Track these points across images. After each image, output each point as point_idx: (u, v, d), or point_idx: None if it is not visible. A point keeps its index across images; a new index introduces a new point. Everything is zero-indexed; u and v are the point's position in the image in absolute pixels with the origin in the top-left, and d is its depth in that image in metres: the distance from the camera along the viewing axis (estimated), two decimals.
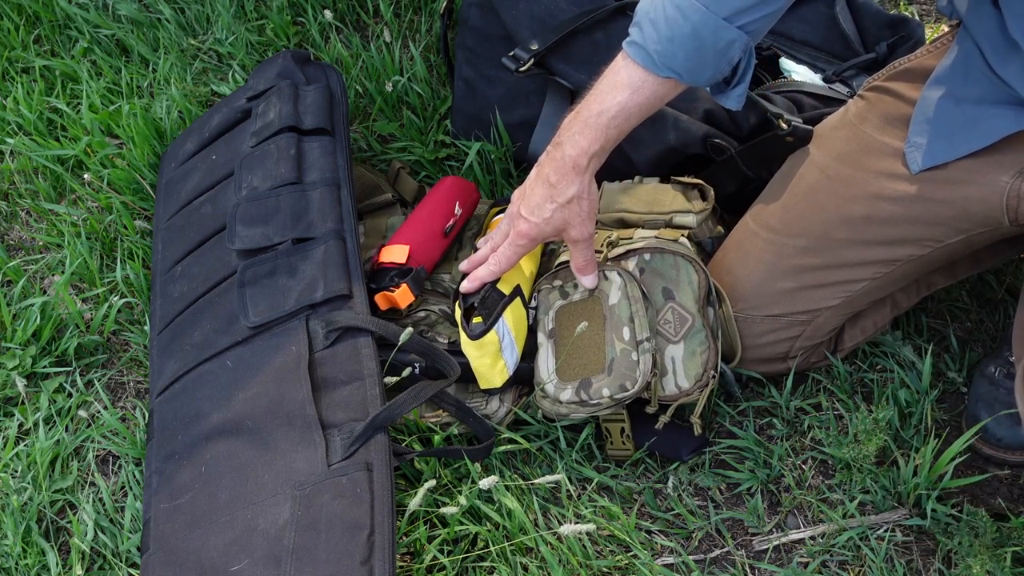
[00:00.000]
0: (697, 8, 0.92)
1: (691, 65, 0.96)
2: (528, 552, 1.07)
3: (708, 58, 0.95)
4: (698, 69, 0.96)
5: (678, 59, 0.95)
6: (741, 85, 1.01)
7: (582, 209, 1.04)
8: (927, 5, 1.69)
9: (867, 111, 1.09)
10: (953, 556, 1.05)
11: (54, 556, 1.10)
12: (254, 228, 1.16)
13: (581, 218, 1.04)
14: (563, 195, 1.02)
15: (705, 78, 0.99)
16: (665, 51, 0.95)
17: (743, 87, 1.01)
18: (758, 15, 0.93)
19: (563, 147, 1.02)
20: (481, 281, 1.09)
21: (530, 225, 1.05)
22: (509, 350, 1.09)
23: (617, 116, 0.99)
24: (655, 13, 0.95)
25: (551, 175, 1.03)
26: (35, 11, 1.66)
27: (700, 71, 0.97)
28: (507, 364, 1.09)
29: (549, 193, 1.03)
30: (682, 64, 0.95)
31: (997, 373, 1.13)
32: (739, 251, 1.14)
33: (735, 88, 1.01)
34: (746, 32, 0.94)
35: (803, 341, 1.13)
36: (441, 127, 1.46)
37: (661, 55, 0.95)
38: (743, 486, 1.12)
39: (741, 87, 1.01)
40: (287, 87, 1.28)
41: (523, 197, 1.06)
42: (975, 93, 0.97)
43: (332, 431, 1.00)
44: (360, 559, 0.90)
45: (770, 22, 0.96)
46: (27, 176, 1.48)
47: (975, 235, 1.02)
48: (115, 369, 1.29)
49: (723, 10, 0.92)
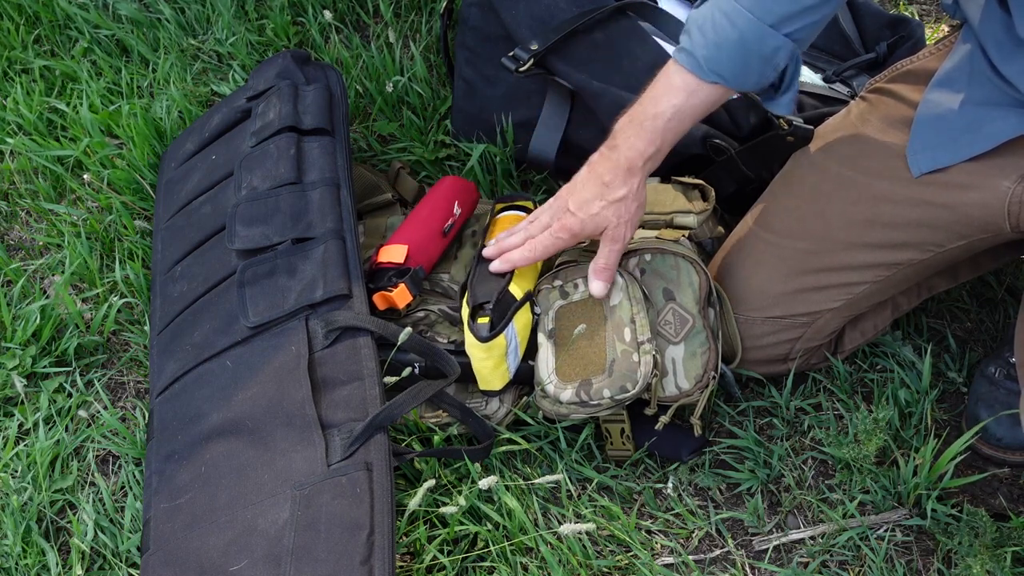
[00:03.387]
0: (744, 15, 0.94)
1: (737, 71, 0.97)
2: (528, 552, 1.07)
3: (753, 64, 0.97)
4: (744, 74, 0.98)
5: (724, 65, 0.97)
6: (790, 91, 1.02)
7: (628, 210, 1.04)
8: (927, 5, 1.69)
9: (869, 113, 1.08)
10: (953, 556, 1.05)
11: (54, 556, 1.10)
12: (254, 228, 1.16)
13: (625, 219, 1.05)
14: (614, 194, 1.03)
15: (751, 83, 1.00)
16: (712, 56, 0.97)
17: (792, 93, 1.02)
18: (804, 23, 0.95)
19: (619, 149, 1.03)
20: (512, 264, 1.10)
21: (576, 220, 1.05)
22: (513, 355, 1.09)
23: (672, 119, 1.00)
24: (703, 20, 0.97)
25: (605, 174, 1.03)
26: (35, 11, 1.66)
27: (746, 76, 0.98)
28: (509, 368, 1.09)
29: (600, 191, 1.04)
30: (728, 69, 0.97)
31: (997, 373, 1.13)
32: (740, 252, 1.14)
33: (784, 95, 1.03)
34: (792, 39, 0.96)
35: (803, 343, 1.13)
36: (441, 127, 1.46)
37: (708, 60, 0.97)
38: (743, 486, 1.12)
39: (790, 93, 1.02)
40: (287, 87, 1.28)
41: (572, 192, 1.06)
42: (978, 95, 0.97)
43: (332, 431, 1.00)
44: (360, 559, 0.90)
45: (816, 30, 0.97)
46: (27, 176, 1.48)
47: (976, 240, 1.02)
48: (115, 369, 1.29)
49: (769, 17, 0.94)
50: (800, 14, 0.94)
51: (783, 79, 1.01)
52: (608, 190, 1.03)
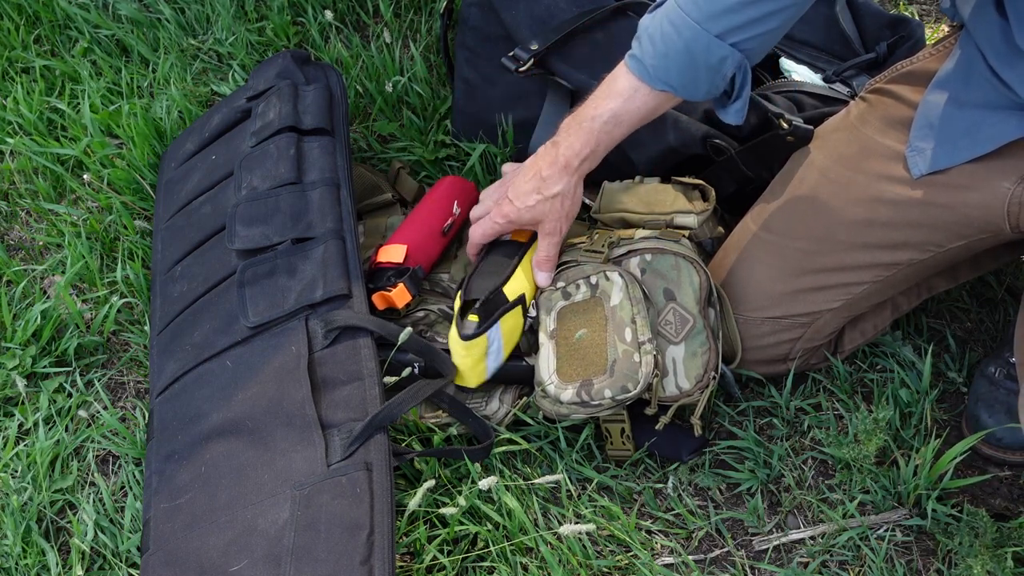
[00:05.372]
0: (690, 25, 0.95)
1: (685, 80, 0.99)
2: (528, 552, 1.07)
3: (701, 74, 0.98)
4: (692, 84, 0.99)
5: (672, 73, 0.99)
6: (739, 101, 1.03)
7: (563, 207, 1.09)
8: (927, 5, 1.69)
9: (868, 113, 1.08)
10: (953, 556, 1.05)
11: (54, 556, 1.10)
12: (254, 228, 1.16)
13: (559, 215, 1.09)
14: (550, 190, 1.07)
15: (701, 93, 1.01)
16: (660, 65, 0.98)
17: (741, 103, 1.03)
18: (750, 34, 0.95)
19: (559, 146, 1.06)
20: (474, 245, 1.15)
21: (512, 208, 1.10)
22: (494, 356, 1.09)
23: (608, 122, 1.03)
24: (653, 28, 0.98)
25: (544, 169, 1.07)
26: (35, 11, 1.66)
27: (694, 86, 1.00)
28: (487, 368, 1.09)
29: (537, 185, 1.08)
30: (676, 79, 0.99)
31: (997, 373, 1.13)
32: (740, 252, 1.14)
33: (734, 103, 1.03)
34: (739, 50, 0.96)
35: (803, 343, 1.13)
36: (441, 127, 1.46)
37: (656, 69, 0.99)
38: (743, 486, 1.12)
39: (739, 103, 1.03)
40: (287, 87, 1.28)
41: (514, 179, 1.11)
42: (977, 97, 0.97)
43: (331, 431, 1.00)
44: (360, 559, 0.90)
45: (767, 41, 0.97)
46: (27, 176, 1.48)
47: (975, 241, 1.02)
48: (115, 369, 1.29)
49: (715, 28, 0.94)
50: (746, 25, 0.94)
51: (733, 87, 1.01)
52: (545, 185, 1.07)
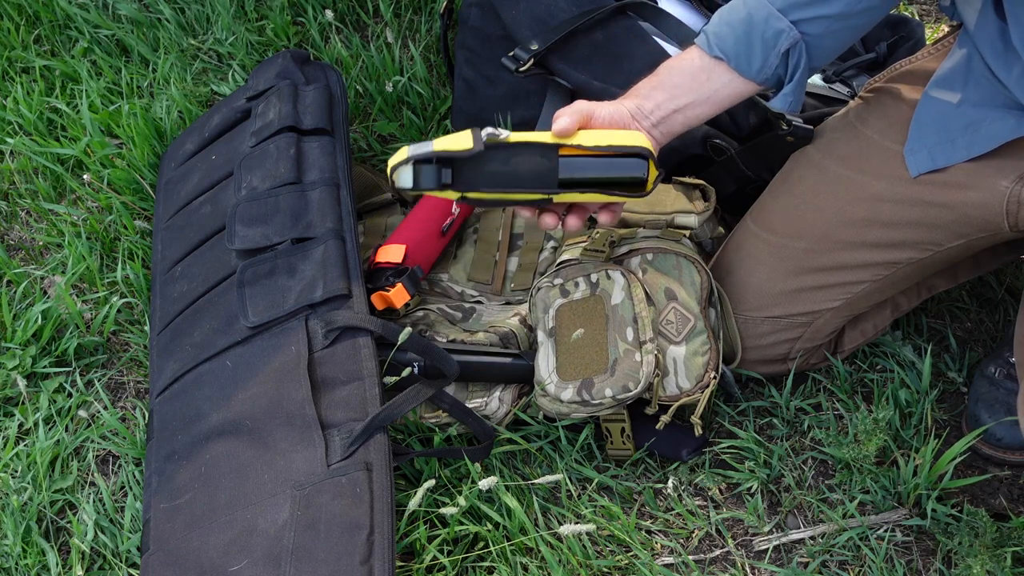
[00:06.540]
0: None
1: (739, 49, 0.99)
2: (528, 552, 1.07)
3: (756, 46, 0.98)
4: (745, 55, 0.99)
5: (728, 41, 0.99)
6: (789, 85, 1.02)
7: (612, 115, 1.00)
8: (927, 5, 1.69)
9: (867, 113, 1.08)
10: (953, 556, 1.05)
11: (54, 556, 1.10)
12: (253, 228, 1.16)
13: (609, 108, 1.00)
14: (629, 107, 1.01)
15: (754, 68, 1.00)
16: (720, 32, 1.00)
17: (790, 87, 1.02)
18: (813, 14, 0.96)
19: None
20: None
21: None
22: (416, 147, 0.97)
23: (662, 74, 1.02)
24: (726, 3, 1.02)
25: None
26: (35, 11, 1.66)
27: (748, 58, 1.00)
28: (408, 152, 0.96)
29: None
30: (731, 48, 0.99)
31: (997, 373, 1.13)
32: (739, 252, 1.14)
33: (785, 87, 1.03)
34: (799, 29, 0.97)
35: (803, 342, 1.13)
36: (441, 127, 1.46)
37: (716, 36, 1.00)
38: (743, 486, 1.12)
39: (788, 87, 1.02)
40: (287, 87, 1.28)
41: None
42: (976, 96, 0.97)
43: (331, 431, 1.00)
44: (360, 559, 0.90)
45: (830, 28, 0.98)
46: (27, 176, 1.48)
47: (975, 239, 1.02)
48: (115, 369, 1.29)
49: (778, 1, 0.96)
50: (809, 4, 0.95)
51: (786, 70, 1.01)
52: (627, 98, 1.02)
